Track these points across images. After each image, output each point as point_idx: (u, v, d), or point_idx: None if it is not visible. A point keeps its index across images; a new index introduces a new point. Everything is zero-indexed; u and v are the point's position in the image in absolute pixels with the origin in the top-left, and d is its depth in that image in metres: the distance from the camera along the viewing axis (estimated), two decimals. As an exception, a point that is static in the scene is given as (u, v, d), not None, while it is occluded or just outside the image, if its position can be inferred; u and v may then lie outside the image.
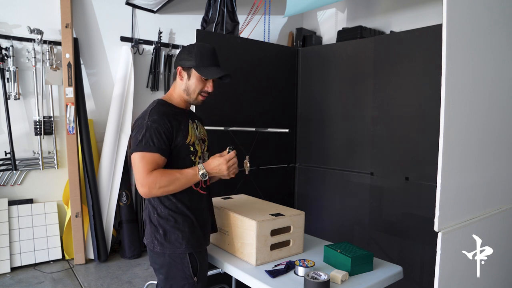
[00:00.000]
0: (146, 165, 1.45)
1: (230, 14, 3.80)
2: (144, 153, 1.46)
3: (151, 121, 1.49)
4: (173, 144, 1.53)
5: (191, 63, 1.58)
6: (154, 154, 1.47)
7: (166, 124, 1.51)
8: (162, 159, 1.49)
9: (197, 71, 1.57)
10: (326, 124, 3.38)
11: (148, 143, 1.46)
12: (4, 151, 3.40)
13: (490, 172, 1.51)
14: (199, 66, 1.57)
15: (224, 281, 2.42)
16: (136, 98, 3.88)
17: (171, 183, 1.47)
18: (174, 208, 1.56)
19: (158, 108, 1.56)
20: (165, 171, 1.48)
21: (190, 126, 1.62)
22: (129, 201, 3.79)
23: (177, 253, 1.55)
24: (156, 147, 1.47)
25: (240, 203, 1.97)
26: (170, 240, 1.55)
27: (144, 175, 1.45)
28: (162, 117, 1.51)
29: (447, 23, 1.16)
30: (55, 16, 3.53)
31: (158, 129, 1.48)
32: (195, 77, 1.59)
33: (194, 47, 1.61)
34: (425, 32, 2.66)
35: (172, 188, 1.49)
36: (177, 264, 1.56)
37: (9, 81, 3.34)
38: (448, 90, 1.20)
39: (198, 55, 1.58)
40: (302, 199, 3.60)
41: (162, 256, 1.57)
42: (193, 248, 1.57)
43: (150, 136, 1.47)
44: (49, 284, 3.07)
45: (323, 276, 1.43)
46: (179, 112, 1.62)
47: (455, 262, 1.32)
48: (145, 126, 1.49)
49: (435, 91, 2.40)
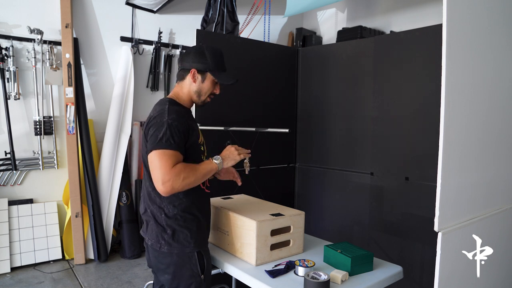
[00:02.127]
0: (169, 161, 1.46)
1: (230, 14, 3.80)
2: (165, 151, 1.47)
3: (172, 119, 1.51)
4: (188, 143, 1.56)
5: (206, 66, 1.62)
6: (175, 152, 1.48)
7: (185, 123, 1.54)
8: (181, 157, 1.51)
9: (213, 75, 1.63)
10: (326, 124, 3.38)
11: (169, 141, 1.48)
12: (4, 151, 3.40)
13: (490, 172, 1.51)
14: (214, 70, 1.63)
15: (224, 281, 2.42)
16: (136, 98, 3.88)
17: (193, 174, 1.49)
18: (183, 208, 1.58)
19: (174, 108, 1.58)
20: (185, 164, 1.51)
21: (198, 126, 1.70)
22: (129, 201, 3.79)
23: (185, 252, 1.57)
24: (176, 145, 1.49)
25: (240, 203, 1.97)
26: (179, 239, 1.57)
27: (167, 170, 1.44)
28: (180, 116, 1.55)
29: (447, 23, 1.16)
30: (55, 16, 3.53)
31: (178, 128, 1.50)
32: (209, 80, 1.64)
33: (206, 50, 1.64)
34: (425, 32, 2.66)
35: (194, 179, 1.50)
36: (185, 263, 1.58)
37: (9, 81, 3.34)
38: (448, 90, 1.20)
39: (213, 59, 1.63)
40: (302, 199, 3.60)
41: (170, 256, 1.58)
42: (200, 247, 1.61)
43: (171, 134, 1.48)
44: (49, 284, 3.07)
45: (323, 276, 1.43)
46: (188, 112, 1.68)
47: (455, 262, 1.32)
48: (166, 124, 1.49)
49: (435, 91, 2.41)
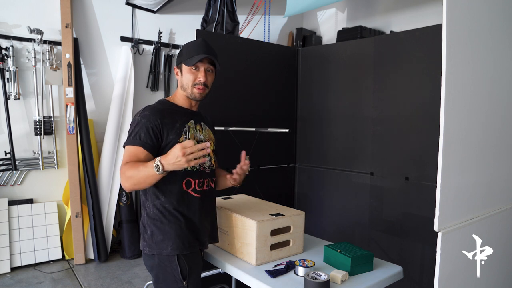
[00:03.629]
0: (127, 157, 1.48)
1: (230, 14, 3.80)
2: (129, 147, 1.49)
3: (141, 116, 1.53)
4: (165, 142, 1.52)
5: (181, 59, 1.62)
6: (137, 148, 1.48)
7: (156, 121, 1.51)
8: (145, 153, 1.48)
9: (185, 64, 1.60)
10: (326, 124, 3.38)
11: (135, 137, 1.49)
12: (4, 151, 3.40)
13: (490, 172, 1.51)
14: (185, 59, 1.59)
15: (224, 281, 2.42)
16: (136, 98, 3.88)
17: (135, 174, 1.42)
18: (161, 208, 1.55)
19: (154, 106, 1.59)
20: (134, 163, 1.46)
21: (191, 127, 1.61)
22: (129, 201, 3.79)
23: (163, 254, 1.53)
24: (140, 141, 1.48)
25: (240, 203, 1.97)
26: (157, 241, 1.54)
27: (122, 165, 1.47)
28: (154, 113, 1.53)
29: (447, 23, 1.16)
30: (55, 16, 3.53)
31: (146, 124, 1.50)
32: (185, 70, 1.61)
33: (184, 45, 1.66)
34: (425, 32, 2.66)
35: (137, 180, 1.42)
36: (166, 266, 1.54)
37: (9, 81, 3.34)
38: (448, 90, 1.20)
39: (185, 49, 1.62)
40: (302, 199, 3.60)
41: (152, 258, 1.56)
42: (179, 250, 1.54)
43: (138, 131, 1.49)
44: (49, 284, 3.07)
45: (323, 276, 1.43)
46: (180, 111, 1.63)
47: (455, 262, 1.32)
48: (136, 121, 1.53)
49: (435, 91, 2.41)
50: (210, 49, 1.61)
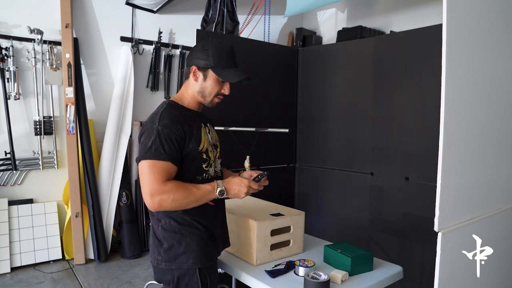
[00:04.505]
0: (158, 175, 1.31)
1: (230, 14, 3.80)
2: (154, 161, 1.33)
3: (162, 126, 1.36)
4: (185, 151, 1.40)
5: (208, 63, 1.44)
6: (166, 163, 1.34)
7: (179, 130, 1.37)
8: (174, 168, 1.36)
9: (215, 73, 1.44)
10: (326, 124, 3.38)
11: (158, 150, 1.33)
12: (4, 151, 3.40)
13: (490, 172, 1.51)
14: (217, 67, 1.44)
15: (224, 281, 2.41)
16: (136, 98, 3.88)
17: (186, 197, 1.34)
18: (180, 220, 1.44)
19: (169, 111, 1.42)
20: (180, 183, 1.35)
21: (203, 131, 1.49)
22: (129, 201, 3.79)
23: (184, 268, 1.44)
24: (167, 155, 1.34)
25: (240, 203, 1.97)
26: (176, 254, 1.43)
27: (156, 186, 1.31)
28: (174, 121, 1.38)
29: (447, 23, 1.16)
30: (55, 16, 3.53)
31: (169, 135, 1.35)
32: (212, 78, 1.46)
33: (211, 45, 1.45)
34: (425, 32, 2.66)
35: (186, 202, 1.35)
36: (186, 280, 1.44)
37: (9, 81, 3.34)
38: (448, 90, 1.20)
39: (216, 54, 1.44)
40: (302, 199, 3.60)
41: (169, 272, 1.45)
42: (201, 263, 1.45)
43: (161, 143, 1.34)
44: (49, 284, 3.07)
45: (323, 276, 1.43)
46: (191, 115, 1.49)
47: (455, 262, 1.32)
48: (156, 131, 1.35)
49: (435, 91, 2.41)
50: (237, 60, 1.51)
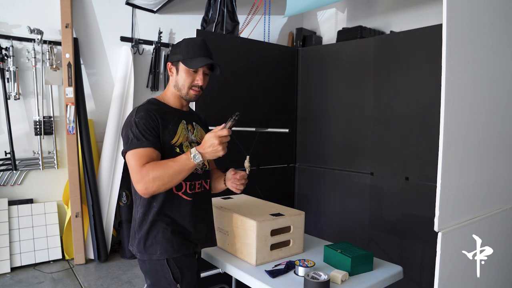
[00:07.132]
0: (139, 160, 1.39)
1: (230, 14, 3.80)
2: (136, 150, 1.40)
3: (139, 118, 1.45)
4: (160, 141, 1.48)
5: (178, 56, 1.53)
6: (147, 149, 1.41)
7: (154, 120, 1.46)
8: (156, 153, 1.42)
9: (184, 64, 1.52)
10: (326, 124, 3.38)
11: (139, 139, 1.41)
12: (4, 151, 3.40)
13: (490, 172, 1.51)
14: (185, 59, 1.51)
15: (224, 281, 2.42)
16: (136, 98, 3.88)
17: (165, 171, 1.36)
18: (149, 211, 1.50)
19: (145, 106, 1.52)
20: (156, 162, 1.40)
21: (182, 127, 1.56)
22: (129, 201, 3.79)
23: (153, 259, 1.51)
24: (148, 142, 1.41)
25: (240, 203, 1.97)
26: (146, 245, 1.51)
27: (138, 170, 1.37)
28: (149, 113, 1.47)
29: (447, 23, 1.16)
30: (55, 16, 3.53)
31: (146, 125, 1.44)
32: (183, 70, 1.53)
33: (183, 41, 1.57)
34: (425, 32, 2.66)
35: (168, 177, 1.37)
36: (158, 270, 1.52)
37: (9, 81, 3.34)
38: (448, 90, 1.20)
39: (185, 47, 1.53)
40: (302, 199, 3.60)
41: (143, 263, 1.55)
42: (168, 254, 1.50)
43: (140, 132, 1.42)
44: (49, 284, 3.07)
45: (323, 276, 1.43)
46: (170, 111, 1.56)
47: (455, 262, 1.32)
48: (134, 122, 1.44)
49: (435, 91, 2.41)
50: (211, 53, 1.56)
